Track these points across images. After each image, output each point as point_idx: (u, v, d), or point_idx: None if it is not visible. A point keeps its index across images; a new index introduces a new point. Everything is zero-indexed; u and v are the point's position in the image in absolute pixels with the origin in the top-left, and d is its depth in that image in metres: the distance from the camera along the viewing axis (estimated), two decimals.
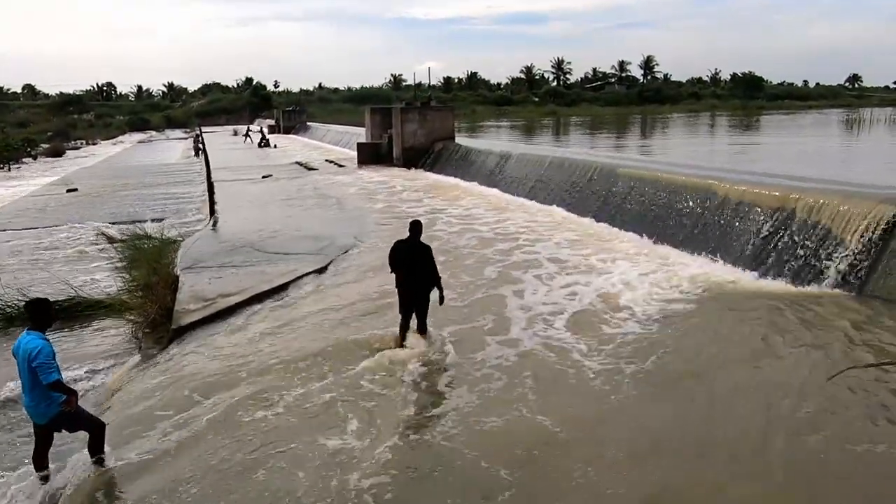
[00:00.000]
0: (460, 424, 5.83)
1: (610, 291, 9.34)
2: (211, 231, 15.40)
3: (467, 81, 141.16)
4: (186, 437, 5.93)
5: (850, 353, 6.70)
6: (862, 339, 7.01)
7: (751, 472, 4.86)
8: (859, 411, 5.50)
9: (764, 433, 5.33)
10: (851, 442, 5.09)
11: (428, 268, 7.53)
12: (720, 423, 5.58)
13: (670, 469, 5.00)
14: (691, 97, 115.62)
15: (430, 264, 7.56)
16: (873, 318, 7.59)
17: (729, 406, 5.86)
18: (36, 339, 5.05)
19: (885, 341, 6.93)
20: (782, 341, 7.15)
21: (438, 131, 27.26)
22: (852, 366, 5.54)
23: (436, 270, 7.61)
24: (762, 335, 7.38)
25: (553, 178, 17.27)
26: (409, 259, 7.57)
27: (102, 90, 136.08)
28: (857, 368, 5.53)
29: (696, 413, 5.85)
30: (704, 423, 5.62)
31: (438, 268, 7.74)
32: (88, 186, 27.77)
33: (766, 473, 4.83)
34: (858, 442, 5.08)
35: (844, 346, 6.86)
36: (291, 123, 62.73)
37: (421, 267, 7.51)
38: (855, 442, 5.08)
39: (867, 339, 6.99)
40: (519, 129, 63.76)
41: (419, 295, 7.59)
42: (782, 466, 4.90)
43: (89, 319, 9.90)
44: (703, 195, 11.87)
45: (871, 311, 7.81)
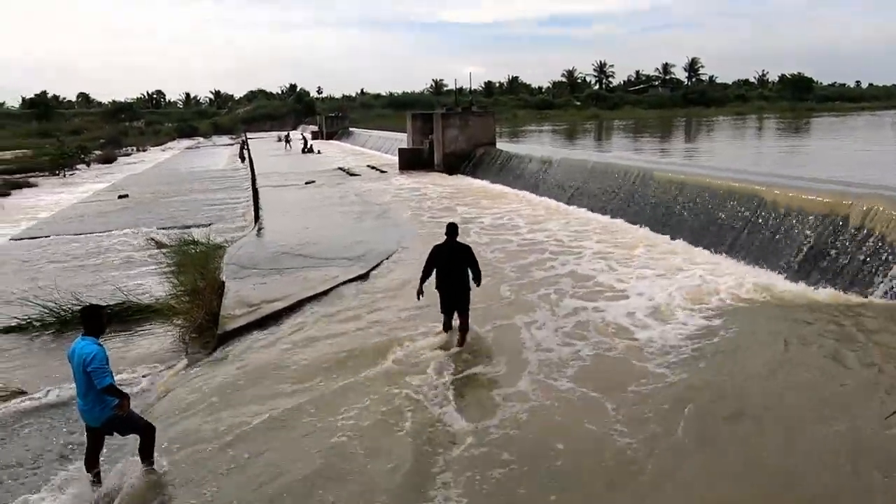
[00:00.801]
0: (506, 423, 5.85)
1: (655, 299, 9.21)
2: (255, 237, 15.67)
3: (508, 86, 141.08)
4: (233, 438, 6.06)
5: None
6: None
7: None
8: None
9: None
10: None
11: (470, 266, 7.93)
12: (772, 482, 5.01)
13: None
14: (737, 99, 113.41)
15: (472, 262, 7.96)
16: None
17: (783, 455, 5.32)
18: (90, 345, 5.21)
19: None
20: (832, 362, 6.87)
21: (479, 136, 27.25)
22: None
23: (477, 266, 8.02)
24: (813, 355, 7.14)
25: (595, 183, 17.09)
26: (449, 260, 7.91)
27: (152, 98, 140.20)
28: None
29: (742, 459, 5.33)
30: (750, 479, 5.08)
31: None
32: (138, 192, 28.57)
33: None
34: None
35: (885, 369, 6.55)
36: (334, 129, 63.49)
37: (461, 267, 7.88)
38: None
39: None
40: (561, 133, 63.37)
41: (460, 294, 7.93)
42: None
43: (139, 323, 10.16)
44: (750, 201, 11.60)
45: None
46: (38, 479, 5.86)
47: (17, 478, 5.97)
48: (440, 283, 8.00)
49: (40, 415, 7.23)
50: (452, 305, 8.01)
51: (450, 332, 8.16)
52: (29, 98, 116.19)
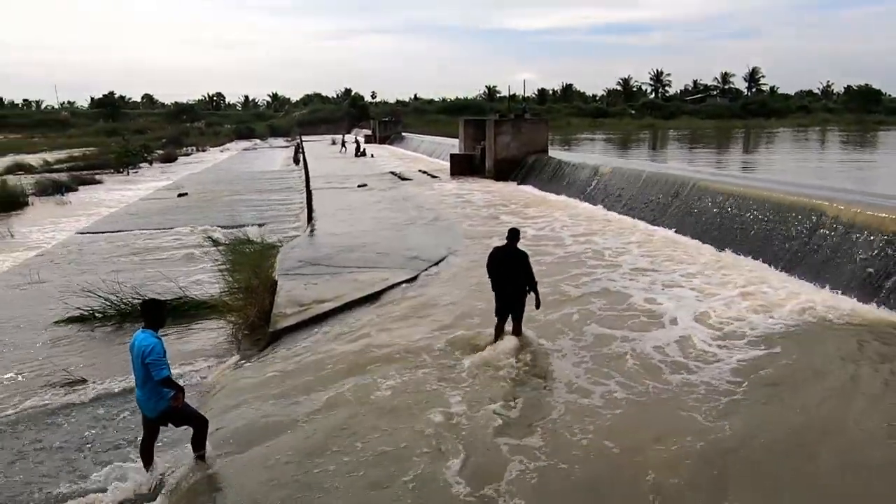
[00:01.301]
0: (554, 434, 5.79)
1: (709, 315, 9.01)
2: (308, 238, 15.94)
3: (562, 93, 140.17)
4: (281, 433, 6.21)
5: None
6: None
7: None
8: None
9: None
10: None
11: (524, 273, 7.86)
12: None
13: None
14: (800, 111, 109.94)
15: (528, 270, 7.90)
16: None
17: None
18: (149, 338, 5.39)
19: None
20: (875, 386, 6.64)
21: (532, 144, 27.11)
22: None
23: (532, 276, 7.96)
24: (853, 376, 6.92)
25: (648, 193, 16.82)
26: (506, 264, 7.96)
27: (213, 100, 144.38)
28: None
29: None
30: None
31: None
32: (197, 191, 29.40)
33: None
34: None
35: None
36: (387, 133, 64.08)
37: (518, 272, 7.87)
38: None
39: None
40: (614, 141, 62.60)
41: (516, 299, 7.98)
42: None
43: (194, 318, 10.44)
44: (812, 216, 11.23)
45: None
46: (96, 466, 6.08)
47: (75, 465, 6.20)
48: (496, 287, 8.10)
49: (100, 404, 7.50)
50: (507, 310, 8.05)
51: (499, 339, 8.07)
52: (97, 98, 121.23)
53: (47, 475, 6.01)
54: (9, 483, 5.92)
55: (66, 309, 10.89)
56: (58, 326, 10.40)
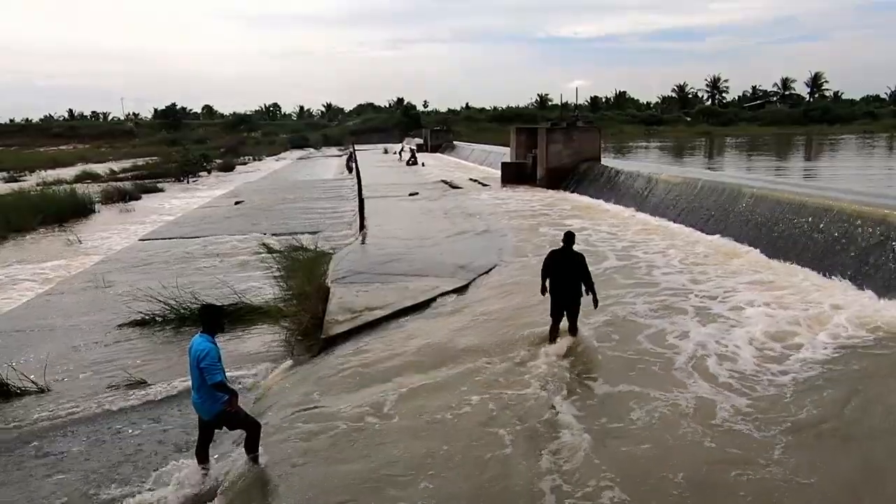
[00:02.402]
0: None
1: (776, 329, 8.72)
2: (360, 246, 16.13)
3: (615, 100, 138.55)
4: (333, 437, 6.30)
5: None
6: None
7: None
8: None
9: None
10: None
11: (581, 274, 8.26)
12: None
13: None
14: (866, 116, 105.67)
15: (585, 271, 8.31)
16: None
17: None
18: (205, 342, 5.54)
19: None
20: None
21: (584, 152, 26.84)
22: None
23: (590, 276, 8.37)
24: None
25: (704, 202, 16.43)
26: (564, 266, 8.34)
27: (269, 110, 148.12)
28: None
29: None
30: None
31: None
32: (253, 199, 30.09)
33: None
34: None
35: None
36: (438, 142, 64.42)
37: (574, 273, 8.25)
38: None
39: None
40: (669, 149, 61.48)
41: (573, 298, 8.34)
42: None
43: (250, 324, 10.65)
44: (880, 225, 10.76)
45: None
46: (153, 465, 6.27)
47: (134, 464, 6.40)
48: (553, 288, 8.42)
49: (159, 405, 7.73)
50: (563, 310, 8.40)
51: (555, 338, 8.42)
52: (160, 109, 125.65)
53: (110, 474, 6.22)
54: (73, 480, 6.15)
55: (129, 313, 11.29)
56: (121, 330, 10.78)
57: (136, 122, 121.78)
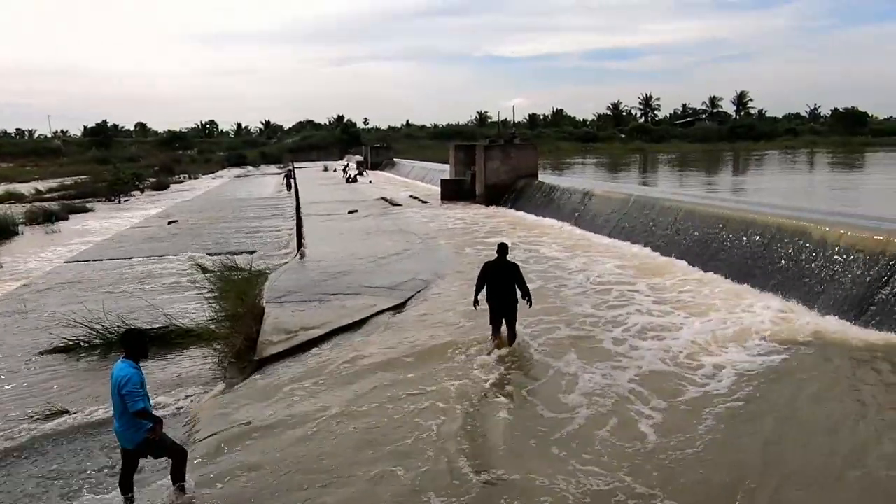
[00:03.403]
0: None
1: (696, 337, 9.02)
2: (297, 264, 15.91)
3: (552, 118, 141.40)
4: (265, 464, 6.12)
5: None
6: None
7: None
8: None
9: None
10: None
11: (517, 282, 8.75)
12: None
13: None
14: (788, 133, 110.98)
15: (520, 278, 8.81)
16: None
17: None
18: (127, 368, 5.34)
19: None
20: (862, 405, 6.63)
21: (521, 168, 27.28)
22: None
23: (525, 283, 8.86)
24: (840, 396, 6.94)
25: (636, 217, 16.91)
26: (499, 276, 8.79)
27: (205, 127, 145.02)
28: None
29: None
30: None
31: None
32: (188, 219, 29.37)
33: None
34: None
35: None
36: (378, 159, 64.39)
37: (509, 282, 8.73)
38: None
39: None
40: (604, 166, 63.06)
41: (509, 306, 8.79)
42: None
43: (180, 347, 10.35)
44: (798, 238, 11.29)
45: None
46: (73, 498, 5.98)
47: (51, 497, 6.09)
48: (490, 297, 8.85)
49: (80, 434, 7.40)
50: (501, 318, 8.86)
51: (495, 344, 8.88)
52: (90, 127, 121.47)
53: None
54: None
55: (51, 339, 10.80)
56: (42, 357, 10.29)
57: (64, 140, 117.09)
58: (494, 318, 8.96)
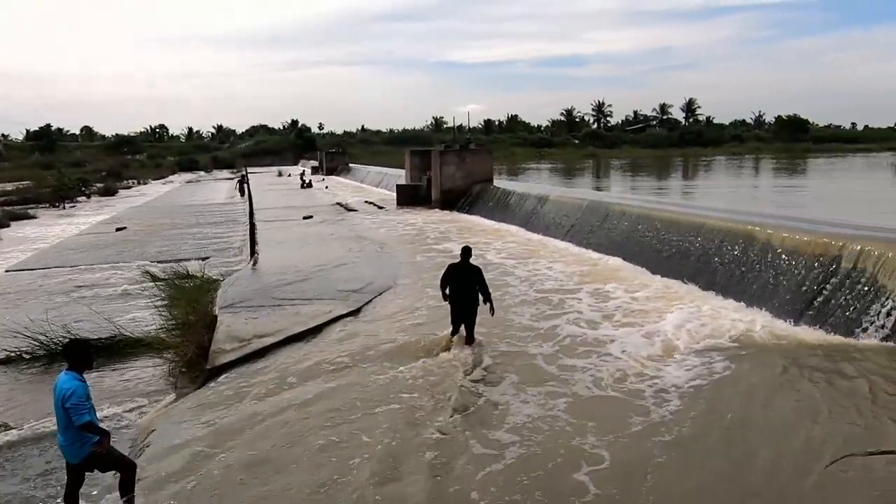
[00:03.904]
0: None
1: (648, 336, 9.20)
2: (250, 271, 15.67)
3: (507, 124, 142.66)
4: (217, 475, 5.99)
5: (874, 422, 6.24)
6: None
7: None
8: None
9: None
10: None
11: (478, 285, 8.88)
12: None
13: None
14: (734, 140, 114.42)
15: (482, 282, 8.94)
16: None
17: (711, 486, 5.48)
18: (71, 380, 5.17)
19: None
20: (800, 403, 6.82)
21: (477, 173, 27.46)
22: (851, 453, 5.02)
23: (487, 287, 9.00)
24: (778, 395, 7.11)
25: (590, 221, 17.18)
26: (461, 278, 8.93)
27: (155, 132, 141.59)
28: (858, 456, 5.02)
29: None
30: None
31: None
32: (137, 225, 28.65)
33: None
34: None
35: (872, 413, 6.40)
36: (333, 165, 64.00)
37: (471, 285, 8.87)
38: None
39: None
40: (559, 171, 63.91)
41: (470, 309, 8.95)
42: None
43: (129, 357, 10.08)
44: (744, 241, 11.64)
45: None
46: None
47: None
48: (452, 298, 9.02)
49: (22, 449, 7.14)
50: (461, 318, 9.01)
51: (454, 346, 9.00)
52: (33, 130, 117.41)
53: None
54: None
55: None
56: None
57: (5, 145, 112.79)
58: (455, 319, 9.11)
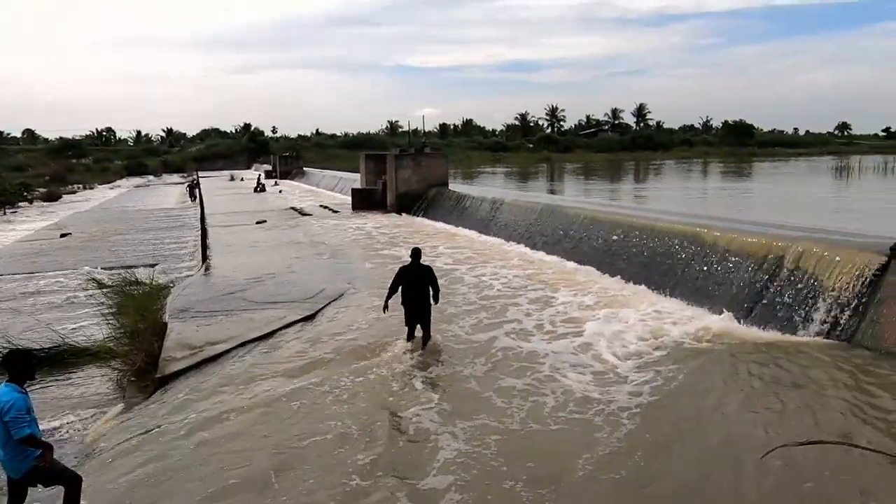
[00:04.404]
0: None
1: (595, 337, 9.33)
2: (202, 277, 15.37)
3: (462, 128, 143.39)
4: (166, 487, 5.83)
5: (810, 414, 6.47)
6: (831, 395, 6.81)
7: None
8: (773, 499, 5.12)
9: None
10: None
11: (431, 284, 9.05)
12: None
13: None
14: (683, 144, 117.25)
15: (434, 281, 9.11)
16: (854, 370, 7.43)
17: (653, 477, 5.57)
18: (10, 393, 4.98)
19: (852, 400, 6.64)
20: (744, 399, 6.98)
21: (432, 177, 27.49)
22: (784, 444, 5.23)
23: (437, 285, 9.19)
24: (724, 390, 7.28)
25: (544, 224, 17.37)
26: (414, 279, 9.06)
27: (102, 135, 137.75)
28: (791, 446, 5.21)
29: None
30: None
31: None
32: (82, 231, 27.81)
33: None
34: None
35: (809, 406, 6.61)
36: (287, 169, 63.28)
37: (424, 284, 9.02)
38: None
39: (839, 396, 6.78)
40: (514, 175, 64.44)
41: (424, 308, 9.10)
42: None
43: (74, 367, 9.78)
44: (692, 243, 11.94)
45: (855, 362, 7.67)
46: None
47: None
48: (405, 300, 9.11)
49: None
50: (416, 319, 9.15)
51: (410, 345, 9.13)
52: None
53: None
54: None
55: None
56: None
57: None
58: (409, 321, 9.22)
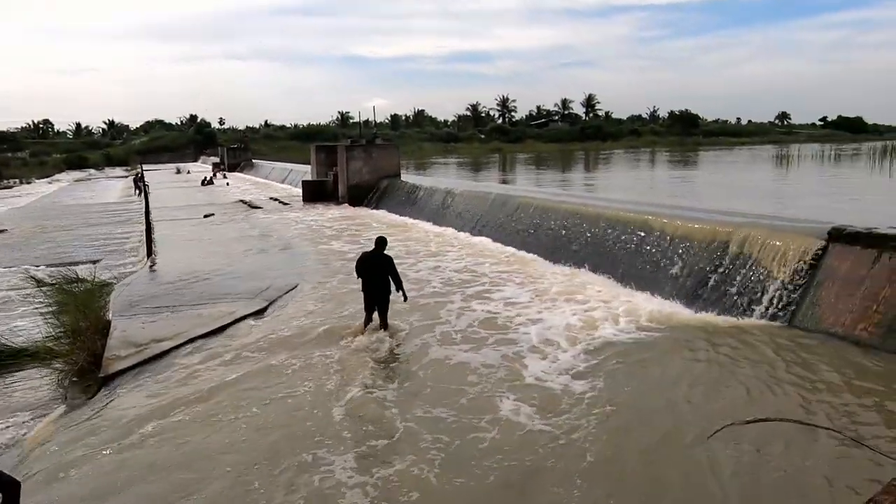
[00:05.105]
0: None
1: (545, 327, 9.43)
2: (147, 273, 14.94)
3: (414, 119, 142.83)
4: (110, 493, 5.64)
5: (755, 393, 6.68)
6: (775, 376, 7.04)
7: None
8: (720, 477, 5.30)
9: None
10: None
11: (391, 274, 9.23)
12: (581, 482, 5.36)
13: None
14: (631, 134, 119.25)
15: (394, 272, 9.28)
16: (796, 351, 7.70)
17: (600, 461, 5.67)
18: None
19: (794, 380, 6.90)
20: (690, 383, 7.15)
21: (384, 168, 27.34)
22: (731, 423, 5.39)
23: (398, 276, 9.33)
24: (673, 375, 7.43)
25: (496, 214, 17.45)
26: (374, 267, 9.23)
27: (38, 128, 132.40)
28: (737, 425, 5.36)
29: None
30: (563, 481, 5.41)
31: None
32: (19, 227, 26.75)
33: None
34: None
35: (753, 387, 6.83)
36: (236, 161, 62.12)
37: (384, 274, 9.21)
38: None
39: (781, 377, 7.02)
40: (466, 165, 64.53)
41: (382, 296, 9.28)
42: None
43: (11, 369, 9.37)
44: (640, 229, 12.16)
45: (796, 343, 7.96)
46: None
47: None
48: (364, 287, 9.34)
49: None
50: (373, 305, 9.34)
51: (367, 330, 9.33)
52: None
53: None
54: None
55: None
56: None
57: None
58: (367, 306, 9.40)
